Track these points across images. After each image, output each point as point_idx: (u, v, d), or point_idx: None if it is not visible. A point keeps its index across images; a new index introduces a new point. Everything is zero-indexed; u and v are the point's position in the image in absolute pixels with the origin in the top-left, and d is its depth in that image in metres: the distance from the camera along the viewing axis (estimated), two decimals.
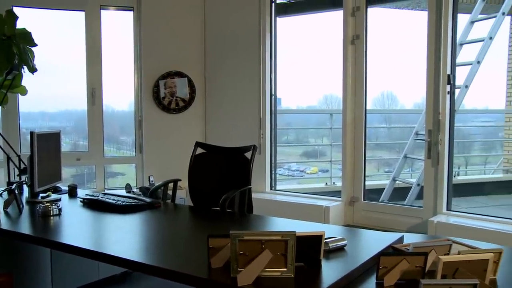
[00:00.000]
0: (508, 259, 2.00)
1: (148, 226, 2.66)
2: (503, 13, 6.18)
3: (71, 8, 5.02)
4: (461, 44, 6.25)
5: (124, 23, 5.27)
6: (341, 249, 1.99)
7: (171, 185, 3.52)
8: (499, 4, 6.45)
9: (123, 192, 4.42)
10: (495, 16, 6.20)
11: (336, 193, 4.94)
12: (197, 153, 3.54)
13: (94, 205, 3.01)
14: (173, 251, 2.15)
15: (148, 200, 3.00)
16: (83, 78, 5.02)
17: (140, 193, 4.39)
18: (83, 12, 4.99)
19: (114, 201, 2.92)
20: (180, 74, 5.21)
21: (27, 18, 4.76)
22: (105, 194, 3.19)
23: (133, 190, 4.65)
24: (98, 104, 5.07)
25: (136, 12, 5.15)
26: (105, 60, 5.09)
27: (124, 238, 2.37)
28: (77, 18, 5.00)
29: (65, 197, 3.28)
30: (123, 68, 5.33)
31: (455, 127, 4.22)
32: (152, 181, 4.77)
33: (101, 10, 5.05)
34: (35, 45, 3.88)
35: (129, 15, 5.18)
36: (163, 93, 5.16)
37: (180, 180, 3.59)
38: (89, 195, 3.16)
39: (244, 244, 1.65)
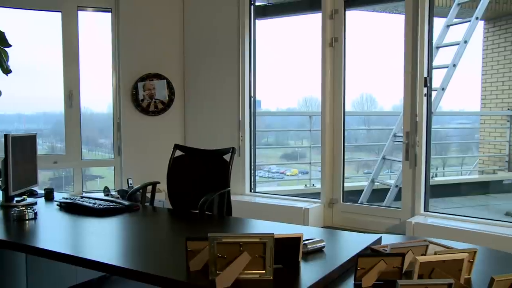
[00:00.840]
0: (483, 258, 2.03)
1: (126, 229, 2.63)
2: (477, 18, 6.31)
3: (47, 9, 4.95)
4: (438, 47, 6.36)
5: (102, 24, 5.22)
6: (319, 250, 1.99)
7: (150, 188, 3.50)
8: (473, 9, 6.58)
9: (101, 195, 4.37)
10: (469, 21, 6.32)
11: (315, 195, 4.97)
12: (176, 155, 3.52)
13: (71, 208, 2.97)
14: (151, 254, 2.13)
15: (126, 203, 2.98)
16: (60, 80, 4.96)
17: (119, 196, 4.34)
18: (60, 13, 4.92)
19: (91, 205, 2.89)
20: (159, 76, 5.17)
21: (0, 18, 4.69)
22: (82, 197, 3.15)
23: (111, 193, 4.59)
24: (76, 107, 5.01)
25: (114, 13, 5.10)
26: (83, 62, 5.02)
27: (102, 242, 2.34)
28: (54, 19, 4.93)
29: (41, 201, 3.23)
30: (101, 70, 5.27)
31: (432, 129, 4.28)
32: (130, 184, 4.72)
33: (78, 11, 4.99)
34: (9, 45, 3.80)
35: (107, 16, 5.13)
36: (141, 95, 5.12)
37: (159, 182, 3.57)
38: (66, 198, 3.12)
39: (222, 247, 1.65)
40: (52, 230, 2.59)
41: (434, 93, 5.62)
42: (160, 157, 3.89)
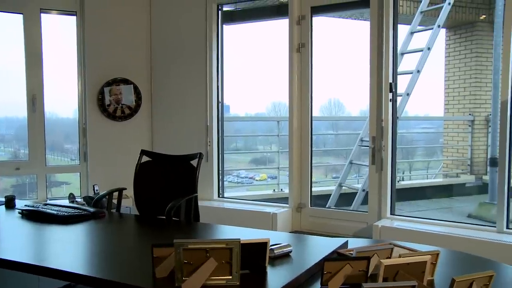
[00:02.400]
0: (445, 260, 2.08)
1: (92, 236, 2.58)
2: (439, 26, 6.49)
3: (8, 10, 4.82)
4: (402, 54, 6.50)
5: (67, 28, 5.12)
6: (286, 255, 2.00)
7: (116, 194, 3.44)
8: (435, 17, 6.76)
9: (66, 202, 4.28)
10: (432, 28, 6.49)
11: (284, 200, 4.99)
12: (142, 161, 3.48)
13: (34, 216, 2.88)
14: (117, 261, 2.10)
15: (91, 210, 2.92)
16: (23, 84, 4.83)
17: (84, 203, 4.26)
18: (21, 15, 4.81)
19: (55, 212, 2.82)
20: (126, 81, 5.11)
21: None
22: (46, 204, 3.07)
23: (76, 199, 4.51)
24: (39, 111, 4.90)
25: (79, 16, 5.01)
26: (47, 66, 4.92)
27: (66, 250, 2.29)
28: (15, 21, 4.81)
29: (1, 209, 3.14)
30: (66, 74, 5.17)
31: (398, 134, 4.36)
32: (96, 190, 4.64)
33: (41, 14, 4.88)
34: None
35: (71, 20, 5.04)
36: (108, 100, 5.05)
37: (125, 189, 3.51)
38: (28, 206, 3.03)
39: (188, 253, 1.64)
40: (13, 239, 2.51)
41: (399, 99, 5.75)
42: (127, 163, 3.83)
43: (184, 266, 1.64)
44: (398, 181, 7.87)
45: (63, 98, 5.30)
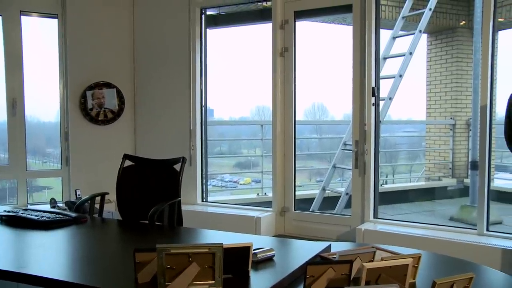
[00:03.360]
0: (427, 263, 2.10)
1: (73, 242, 2.55)
2: (420, 31, 6.58)
3: None
4: (385, 58, 6.56)
5: (48, 30, 5.06)
6: (269, 259, 2.00)
7: (98, 198, 3.41)
8: (416, 23, 6.85)
9: (47, 207, 4.23)
10: (413, 33, 6.57)
11: (267, 204, 4.99)
12: (125, 165, 3.46)
13: (14, 222, 2.84)
14: (99, 267, 2.07)
15: (73, 215, 2.88)
16: (2, 87, 4.77)
17: (66, 207, 4.21)
18: (0, 17, 4.74)
19: (36, 217, 2.78)
20: (109, 85, 5.07)
21: None
22: (26, 209, 3.02)
23: (58, 204, 4.45)
24: (20, 115, 4.83)
25: (61, 19, 4.96)
26: (28, 69, 4.85)
27: (47, 256, 2.26)
28: None
29: None
30: (47, 78, 5.11)
31: (381, 137, 4.40)
32: (79, 195, 4.59)
33: (22, 16, 4.82)
34: None
35: (53, 23, 4.99)
36: (90, 104, 5.00)
37: (108, 193, 3.48)
38: (8, 211, 2.98)
39: (171, 258, 1.63)
40: None
41: (382, 103, 5.80)
42: (110, 167, 3.80)
43: (166, 271, 1.63)
44: (381, 185, 7.94)
45: (45, 102, 5.24)
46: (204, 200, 5.13)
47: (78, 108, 4.99)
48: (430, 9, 6.78)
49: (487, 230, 3.81)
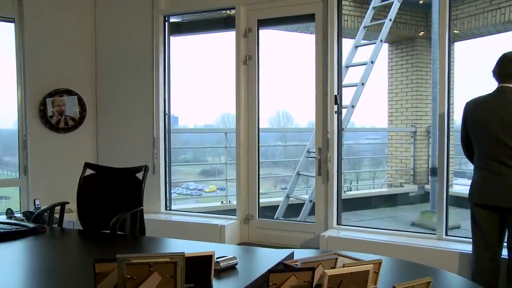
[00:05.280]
0: (389, 268, 2.13)
1: (31, 254, 2.47)
2: (381, 40, 6.73)
3: None
4: (347, 67, 6.67)
5: (4, 35, 4.92)
6: (232, 267, 1.99)
7: (58, 208, 3.32)
8: (378, 32, 7.01)
9: (3, 218, 4.09)
10: (375, 43, 6.72)
11: (232, 212, 4.98)
12: (86, 174, 3.39)
13: None
14: (58, 279, 2.02)
15: (31, 225, 2.80)
16: None
17: (23, 218, 4.09)
18: None
19: None
20: (70, 92, 4.97)
21: None
22: None
23: (15, 215, 4.32)
24: None
25: (18, 24, 4.83)
26: None
27: (2, 269, 2.18)
28: None
29: None
30: (5, 84, 4.97)
31: (345, 145, 4.46)
32: (38, 205, 4.47)
33: None
34: None
35: (10, 27, 4.85)
36: (50, 111, 4.89)
37: (68, 203, 3.40)
38: None
39: (131, 268, 1.60)
40: None
41: (344, 111, 5.88)
42: (71, 176, 3.71)
43: (127, 282, 1.59)
44: (344, 192, 8.05)
45: (2, 109, 5.09)
46: (168, 208, 5.08)
47: (37, 115, 4.87)
48: (391, 20, 6.95)
49: (446, 234, 3.90)
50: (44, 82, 4.88)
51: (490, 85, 3.13)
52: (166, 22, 4.99)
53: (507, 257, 3.07)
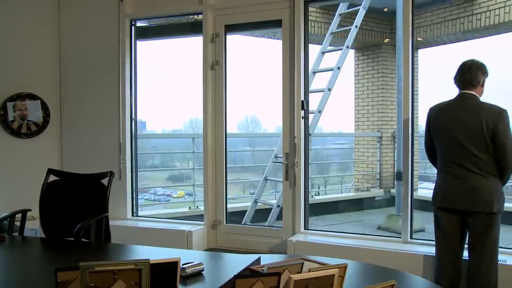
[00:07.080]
0: (355, 272, 2.16)
1: None
2: (347, 47, 6.83)
3: None
4: (314, 72, 6.74)
5: None
6: (199, 274, 1.98)
7: (19, 216, 3.23)
8: (344, 39, 7.11)
9: None
10: (341, 49, 6.81)
11: (200, 217, 4.95)
12: (50, 180, 3.31)
13: None
14: None
15: None
16: None
17: None
18: None
19: None
20: (32, 96, 4.86)
21: None
22: None
23: None
24: None
25: None
26: None
27: None
28: None
29: None
30: None
31: (313, 150, 4.50)
32: None
33: None
34: None
35: None
36: (12, 116, 4.76)
37: (30, 210, 3.31)
38: None
39: (95, 276, 1.56)
40: None
41: (311, 116, 5.93)
42: (33, 182, 3.62)
43: None
44: (312, 196, 8.12)
45: None
46: (135, 214, 5.01)
47: None
48: (356, 26, 7.06)
49: (411, 237, 3.97)
50: (5, 86, 4.76)
51: (452, 91, 3.23)
52: (133, 26, 4.94)
53: (467, 258, 3.15)
